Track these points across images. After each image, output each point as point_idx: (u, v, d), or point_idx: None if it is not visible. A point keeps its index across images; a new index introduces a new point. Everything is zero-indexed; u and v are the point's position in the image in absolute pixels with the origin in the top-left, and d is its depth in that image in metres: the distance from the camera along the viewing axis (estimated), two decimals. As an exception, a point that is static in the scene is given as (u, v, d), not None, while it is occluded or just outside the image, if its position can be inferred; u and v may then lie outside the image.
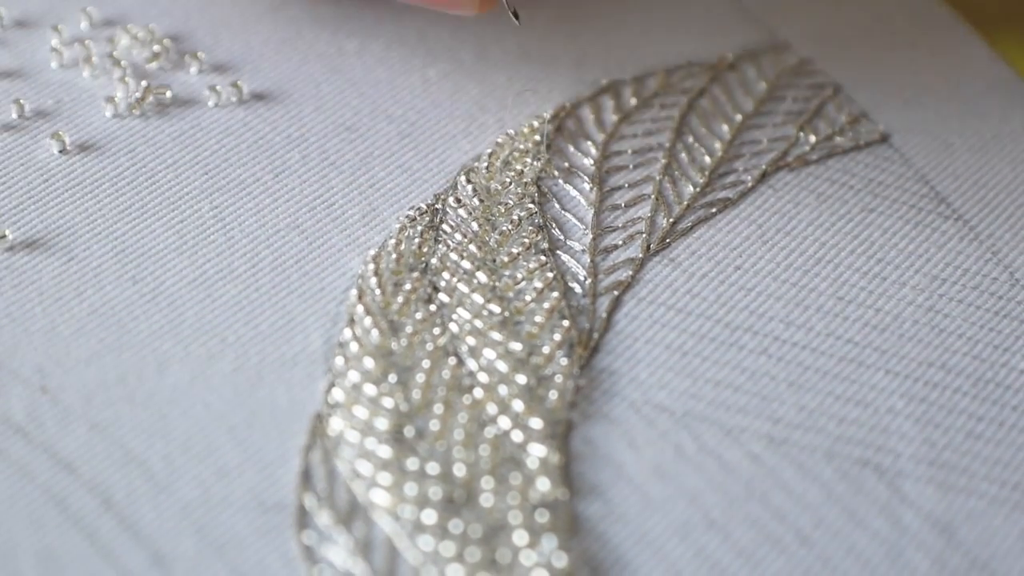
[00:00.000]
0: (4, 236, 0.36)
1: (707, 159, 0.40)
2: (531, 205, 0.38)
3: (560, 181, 0.39)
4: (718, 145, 0.40)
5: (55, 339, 0.34)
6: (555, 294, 0.36)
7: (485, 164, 0.39)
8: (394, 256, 0.36)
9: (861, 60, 0.44)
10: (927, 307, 0.37)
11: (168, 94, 0.40)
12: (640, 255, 0.37)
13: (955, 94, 0.43)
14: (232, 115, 0.40)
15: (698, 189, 0.39)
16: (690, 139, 0.40)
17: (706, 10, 0.44)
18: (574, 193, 0.39)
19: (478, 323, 0.35)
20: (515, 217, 0.37)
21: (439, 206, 0.38)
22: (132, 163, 0.38)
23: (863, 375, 0.35)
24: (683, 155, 0.40)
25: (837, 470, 0.33)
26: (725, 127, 0.41)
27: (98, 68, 0.40)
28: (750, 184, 0.39)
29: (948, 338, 0.36)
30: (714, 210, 0.39)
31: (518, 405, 0.34)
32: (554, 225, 0.38)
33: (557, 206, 0.38)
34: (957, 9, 0.45)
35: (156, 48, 0.41)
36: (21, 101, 0.39)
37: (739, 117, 0.41)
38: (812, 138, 0.41)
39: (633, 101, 0.41)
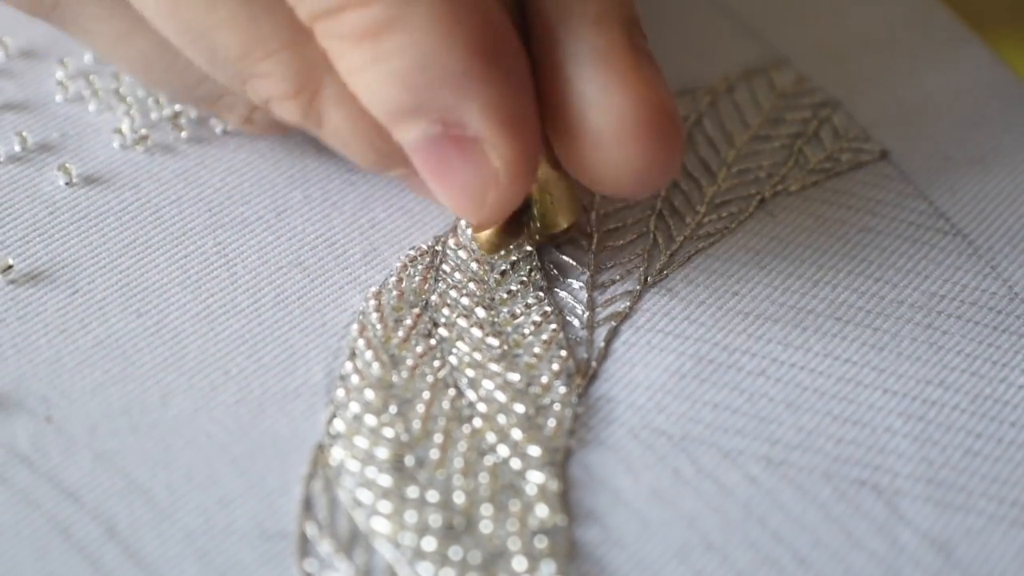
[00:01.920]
0: (10, 267, 0.37)
1: (705, 189, 0.40)
2: (528, 247, 0.38)
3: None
4: (717, 173, 0.40)
5: (60, 370, 0.35)
6: (553, 326, 0.36)
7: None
8: (395, 293, 0.37)
9: (861, 72, 0.43)
10: (925, 324, 0.37)
11: (183, 132, 0.40)
12: (638, 287, 0.37)
13: (956, 103, 0.43)
14: (236, 154, 0.40)
15: (696, 220, 0.39)
16: (688, 168, 0.40)
17: (705, 25, 0.44)
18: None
19: (477, 356, 0.35)
20: (514, 257, 0.38)
21: (439, 247, 0.38)
22: (137, 198, 0.39)
23: (861, 395, 0.35)
24: (682, 185, 0.40)
25: (835, 490, 0.33)
26: (723, 154, 0.41)
27: (103, 103, 0.41)
28: (749, 212, 0.39)
29: (946, 355, 0.36)
30: (712, 240, 0.39)
31: (517, 434, 0.34)
32: (552, 266, 0.38)
33: (555, 251, 0.38)
34: (957, 10, 0.45)
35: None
36: (25, 134, 0.39)
37: (738, 143, 0.41)
38: (811, 160, 0.41)
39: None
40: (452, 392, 0.35)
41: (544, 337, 0.36)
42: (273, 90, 0.34)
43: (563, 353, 0.36)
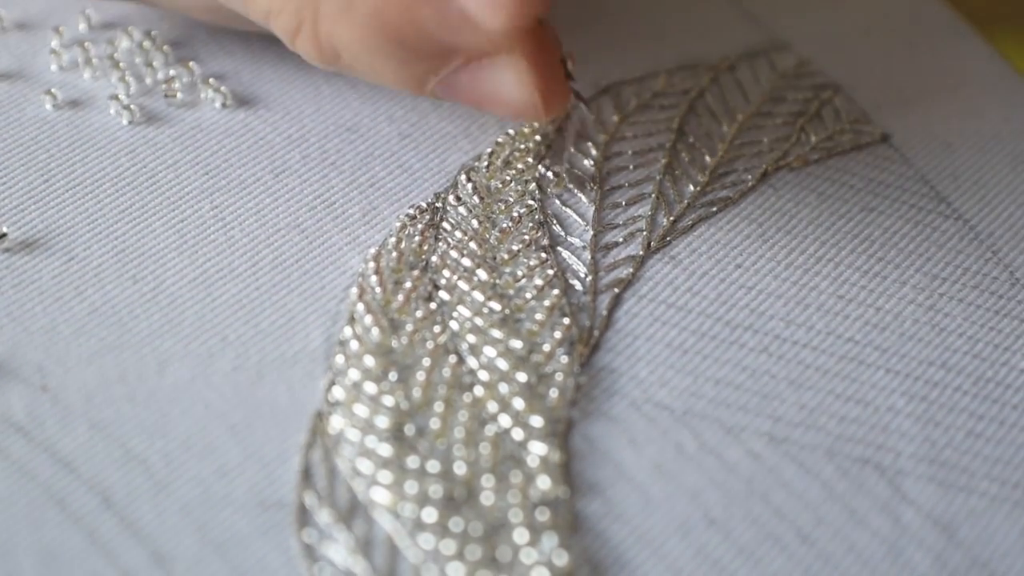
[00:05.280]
0: (4, 235, 0.36)
1: (708, 159, 0.40)
2: (531, 202, 0.38)
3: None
4: (719, 145, 0.40)
5: (55, 338, 0.34)
6: (555, 291, 0.36)
7: (485, 163, 0.39)
8: (394, 254, 0.36)
9: (861, 60, 0.44)
10: (927, 306, 0.37)
11: (178, 94, 0.40)
12: (641, 252, 0.37)
13: (955, 94, 0.43)
14: (232, 116, 0.40)
15: (699, 188, 0.39)
16: (691, 139, 0.40)
17: (707, 11, 0.44)
18: (575, 190, 0.39)
19: (478, 321, 0.35)
20: (515, 214, 0.37)
21: (439, 204, 0.38)
22: (132, 163, 0.38)
23: (864, 373, 0.35)
24: (684, 155, 0.40)
25: (838, 468, 0.33)
26: (726, 127, 0.41)
27: (98, 70, 0.40)
28: (751, 183, 0.39)
29: (948, 337, 0.36)
30: (715, 209, 0.39)
31: (518, 403, 0.34)
32: (555, 221, 0.38)
33: (558, 203, 0.38)
34: (957, 9, 0.45)
35: (156, 50, 0.41)
36: (22, 102, 0.39)
37: (740, 117, 0.41)
38: (812, 138, 0.41)
39: (633, 102, 0.41)
40: (453, 359, 0.34)
41: (547, 303, 0.36)
42: (283, 27, 0.34)
43: (566, 320, 0.36)
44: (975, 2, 0.46)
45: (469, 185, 0.38)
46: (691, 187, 0.39)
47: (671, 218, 0.38)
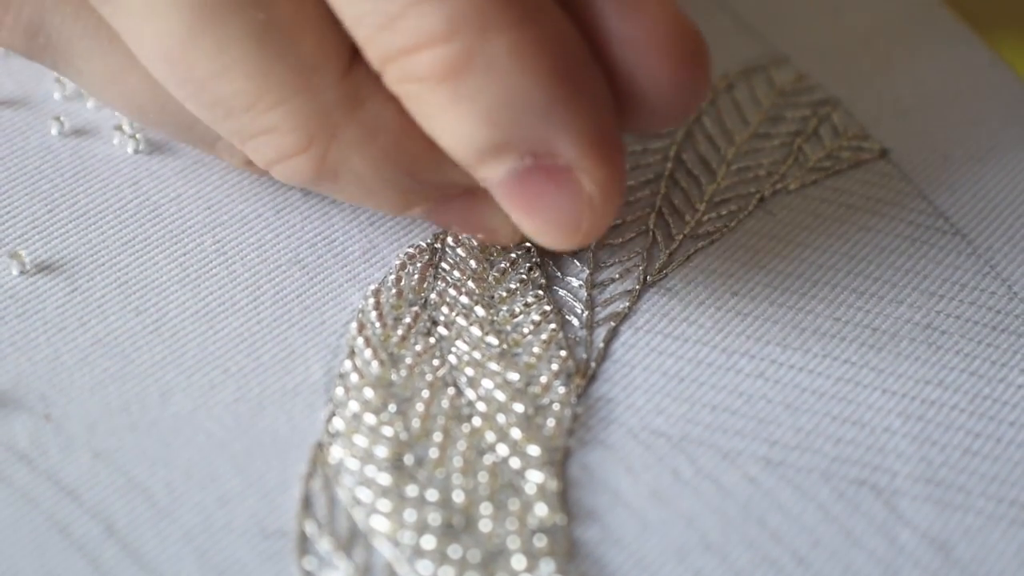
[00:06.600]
0: (20, 257, 0.36)
1: (705, 187, 0.40)
2: (528, 243, 0.38)
3: None
4: (716, 171, 0.41)
5: (59, 368, 0.35)
6: (552, 326, 0.36)
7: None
8: (394, 291, 0.37)
9: (860, 69, 0.44)
10: (924, 324, 0.37)
11: None
12: (637, 287, 0.38)
13: (955, 102, 0.43)
14: (236, 150, 0.40)
15: (695, 219, 0.39)
16: (688, 166, 0.40)
17: (704, 24, 0.44)
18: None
19: (476, 354, 0.36)
20: (513, 255, 0.38)
21: (438, 245, 0.38)
22: (135, 195, 0.39)
23: (859, 395, 0.35)
24: (681, 184, 0.40)
25: (834, 490, 0.33)
26: (723, 153, 0.41)
27: (102, 102, 0.41)
28: (748, 210, 0.40)
29: (945, 355, 0.36)
30: (711, 239, 0.39)
31: (516, 433, 0.34)
32: (551, 263, 0.38)
33: None
34: (958, 12, 0.45)
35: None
36: (25, 130, 0.39)
37: (737, 140, 0.41)
38: (811, 158, 0.41)
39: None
40: (451, 391, 0.35)
41: (543, 337, 0.36)
42: (280, 147, 0.33)
43: (563, 353, 0.36)
44: (977, 5, 0.46)
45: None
46: (687, 218, 0.39)
47: (667, 251, 0.38)
